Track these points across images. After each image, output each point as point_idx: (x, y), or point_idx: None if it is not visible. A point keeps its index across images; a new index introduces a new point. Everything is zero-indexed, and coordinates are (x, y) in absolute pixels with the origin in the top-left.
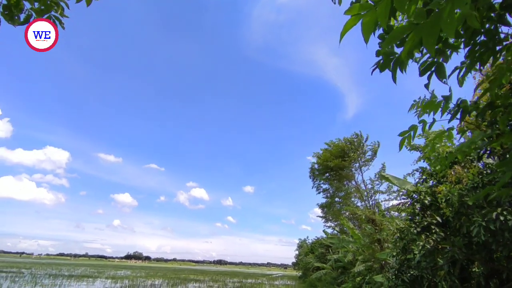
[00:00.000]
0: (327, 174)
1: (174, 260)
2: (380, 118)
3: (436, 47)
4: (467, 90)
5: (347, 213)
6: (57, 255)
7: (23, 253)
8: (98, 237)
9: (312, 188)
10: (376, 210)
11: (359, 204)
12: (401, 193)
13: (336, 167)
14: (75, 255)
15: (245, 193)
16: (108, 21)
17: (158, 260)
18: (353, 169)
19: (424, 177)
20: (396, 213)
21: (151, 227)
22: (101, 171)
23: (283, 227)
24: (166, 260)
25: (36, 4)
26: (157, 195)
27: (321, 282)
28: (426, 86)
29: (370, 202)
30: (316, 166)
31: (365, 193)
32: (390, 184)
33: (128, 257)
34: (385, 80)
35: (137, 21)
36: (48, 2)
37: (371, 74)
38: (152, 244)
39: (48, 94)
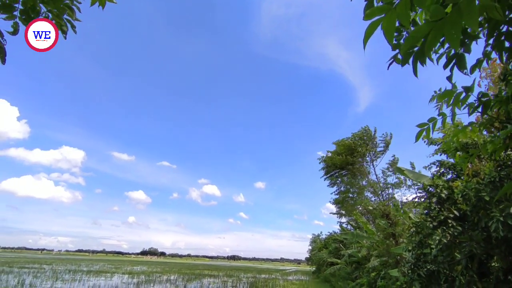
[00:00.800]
0: (338, 171)
1: (189, 255)
2: (393, 111)
3: None
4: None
5: (360, 208)
6: (76, 251)
7: (43, 249)
8: (115, 233)
9: (324, 180)
10: (390, 204)
11: (372, 198)
12: (416, 186)
13: (345, 164)
14: (93, 251)
15: (257, 189)
16: (118, 22)
17: (173, 255)
18: (364, 164)
19: (441, 170)
20: (411, 207)
21: (165, 224)
22: (115, 169)
23: (296, 223)
24: (181, 256)
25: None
26: (170, 192)
27: (335, 277)
28: (449, 78)
29: (384, 196)
30: (327, 163)
31: (378, 186)
32: (404, 178)
33: (144, 253)
34: (398, 73)
35: (146, 21)
36: (62, 5)
37: (388, 69)
38: (166, 240)
39: (63, 95)
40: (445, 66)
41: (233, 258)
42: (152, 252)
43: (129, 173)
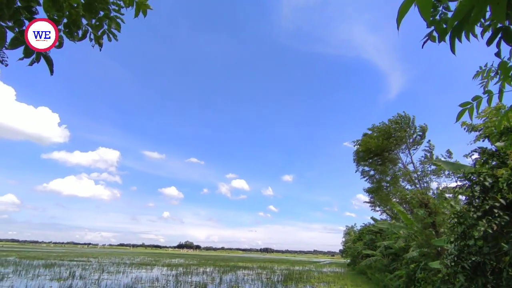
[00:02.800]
0: (371, 160)
1: (223, 248)
2: (428, 96)
3: None
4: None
5: (396, 198)
6: (118, 245)
7: (89, 244)
8: (152, 228)
9: (356, 172)
10: (429, 193)
11: (408, 187)
12: (456, 175)
13: (379, 150)
14: (133, 245)
15: (284, 182)
16: (142, 23)
17: (207, 248)
18: (399, 151)
19: (484, 157)
20: (451, 195)
21: (198, 218)
22: (148, 167)
23: (326, 215)
24: (215, 249)
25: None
26: (201, 187)
27: (371, 269)
28: (497, 54)
29: (421, 185)
30: (359, 151)
31: (415, 175)
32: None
33: (180, 246)
34: (431, 55)
35: (166, 21)
36: (106, 21)
37: (422, 47)
38: (201, 234)
39: (97, 99)
40: (489, 41)
41: (266, 250)
42: (188, 246)
43: (161, 171)
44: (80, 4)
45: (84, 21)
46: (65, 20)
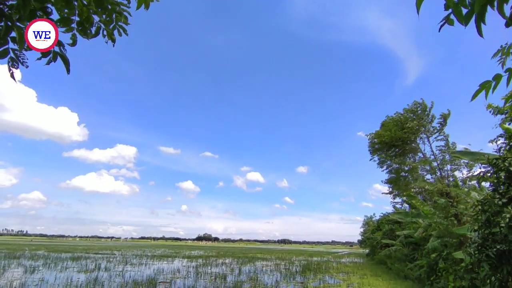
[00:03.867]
0: (387, 150)
1: (241, 240)
2: (448, 80)
3: None
4: None
5: (415, 188)
6: (139, 238)
7: (112, 237)
8: (171, 221)
9: (370, 160)
10: (448, 181)
11: (428, 177)
12: (479, 163)
13: (396, 141)
14: (154, 238)
15: (299, 174)
16: (150, 18)
17: (225, 240)
18: (418, 141)
19: (511, 143)
20: (473, 182)
21: (216, 211)
22: (164, 162)
23: (343, 205)
24: (233, 241)
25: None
26: (216, 181)
27: (391, 259)
28: None
29: (442, 174)
30: (374, 143)
31: (435, 163)
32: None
33: (199, 238)
34: (449, 38)
35: (176, 15)
36: (114, 15)
37: (439, 31)
38: (218, 226)
39: (113, 97)
40: (508, 23)
41: (284, 241)
42: (206, 238)
43: (177, 165)
44: (91, 1)
45: (96, 18)
46: (77, 18)
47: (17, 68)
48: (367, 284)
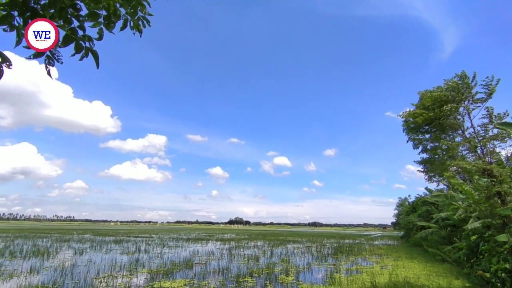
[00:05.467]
0: (425, 127)
1: (271, 223)
2: (488, 51)
3: None
4: None
5: (453, 167)
6: (175, 222)
7: (150, 222)
8: (203, 206)
9: (407, 142)
10: (491, 158)
11: (469, 155)
12: None
13: (434, 117)
14: (188, 222)
15: (327, 157)
16: (175, 6)
17: (256, 224)
18: (458, 116)
19: None
20: None
21: (246, 195)
22: (193, 149)
23: (374, 187)
24: (264, 224)
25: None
26: (244, 166)
27: (427, 241)
28: None
29: (484, 151)
30: (409, 122)
31: (476, 140)
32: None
33: (231, 222)
34: (489, 4)
35: (202, 1)
36: (134, 3)
37: None
38: (249, 210)
39: (141, 87)
40: None
41: (314, 224)
42: (238, 221)
43: (205, 152)
44: None
45: (122, 11)
46: (104, 13)
47: (53, 65)
48: (401, 267)
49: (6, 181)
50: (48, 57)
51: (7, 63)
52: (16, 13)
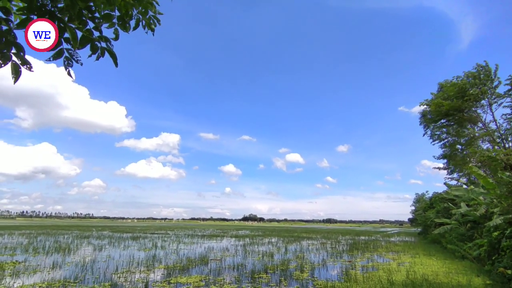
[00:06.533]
0: (443, 120)
1: (285, 220)
2: (509, 40)
3: None
4: None
5: (474, 161)
6: (190, 219)
7: (165, 218)
8: (217, 203)
9: (424, 136)
10: None
11: (490, 148)
12: None
13: (453, 110)
14: (203, 219)
15: (339, 153)
16: (185, 8)
17: (270, 220)
18: (479, 109)
19: None
20: None
21: (259, 192)
22: (205, 147)
23: (389, 183)
24: (278, 221)
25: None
26: (256, 163)
27: (445, 238)
28: None
29: (507, 145)
30: (427, 113)
31: (498, 133)
32: None
33: (245, 219)
34: None
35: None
36: (144, 2)
37: None
38: (263, 207)
39: (153, 87)
40: None
41: (329, 221)
42: (252, 218)
43: (218, 150)
44: None
45: (134, 11)
46: (117, 13)
47: (71, 66)
48: (419, 264)
49: (28, 180)
50: (67, 58)
51: (28, 66)
52: (34, 17)
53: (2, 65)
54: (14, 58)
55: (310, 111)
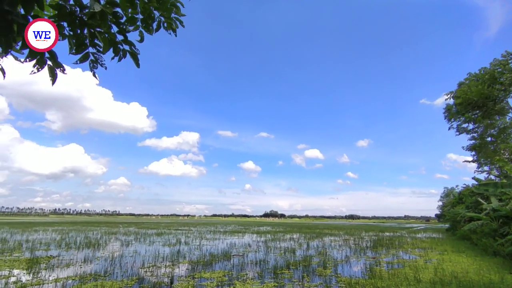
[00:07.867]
0: (470, 113)
1: (307, 216)
2: None
3: None
4: None
5: (506, 153)
6: (211, 215)
7: (188, 215)
8: (238, 200)
9: (449, 129)
10: None
11: None
12: None
13: (482, 100)
14: (224, 215)
15: (359, 148)
16: (203, 7)
17: (291, 217)
18: (509, 98)
19: None
20: None
21: (279, 188)
22: (224, 145)
23: (413, 178)
24: (299, 217)
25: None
26: (275, 160)
27: (476, 234)
28: None
29: None
30: (453, 105)
31: None
32: None
33: (266, 215)
34: None
35: None
36: (169, 6)
37: None
38: (283, 203)
39: (173, 87)
40: None
41: (351, 217)
42: (273, 214)
43: (236, 147)
44: None
45: (156, 14)
46: (141, 16)
47: (96, 69)
48: (448, 261)
49: (59, 179)
50: (93, 61)
51: (61, 69)
52: (65, 24)
53: (40, 69)
54: (49, 62)
55: (328, 106)
